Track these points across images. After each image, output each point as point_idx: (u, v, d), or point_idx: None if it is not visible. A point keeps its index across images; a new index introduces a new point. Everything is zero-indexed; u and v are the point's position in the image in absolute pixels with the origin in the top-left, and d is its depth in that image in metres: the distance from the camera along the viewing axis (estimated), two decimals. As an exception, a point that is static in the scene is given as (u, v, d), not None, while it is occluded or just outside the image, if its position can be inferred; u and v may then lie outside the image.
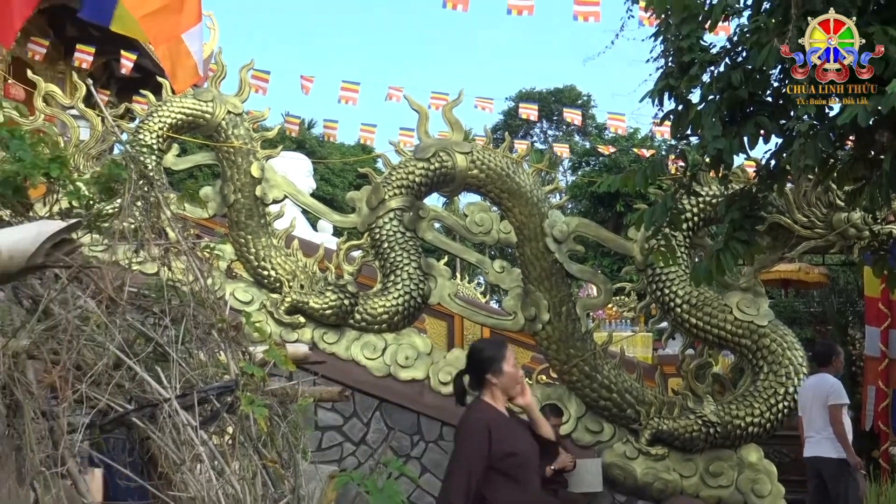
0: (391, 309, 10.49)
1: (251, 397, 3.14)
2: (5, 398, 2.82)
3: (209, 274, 3.69)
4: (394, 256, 10.45)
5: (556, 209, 10.49)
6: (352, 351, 10.50)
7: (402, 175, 10.54)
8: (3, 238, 2.74)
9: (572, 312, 10.13)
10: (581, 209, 36.48)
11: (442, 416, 10.39)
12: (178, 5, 4.97)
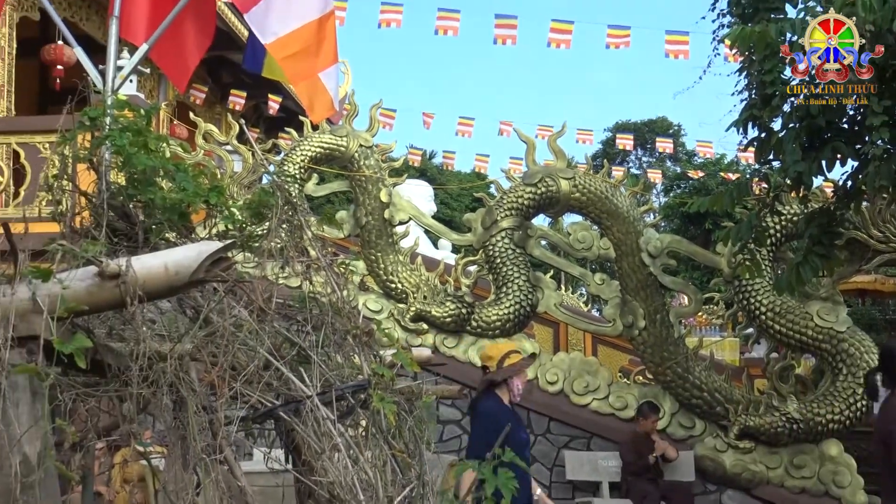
0: (503, 317, 10.49)
1: (382, 395, 3.15)
2: (172, 395, 2.88)
3: (345, 287, 3.71)
4: (505, 270, 10.45)
5: (650, 227, 10.39)
6: (469, 354, 10.52)
7: (512, 198, 10.54)
8: (170, 256, 2.81)
9: (666, 320, 10.03)
10: (673, 227, 35.88)
11: (549, 412, 10.36)
12: (315, 49, 5.04)
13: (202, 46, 5.34)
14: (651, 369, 10.39)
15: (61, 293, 2.70)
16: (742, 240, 6.88)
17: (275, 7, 4.92)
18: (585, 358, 11.17)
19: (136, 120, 3.60)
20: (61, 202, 3.53)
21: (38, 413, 2.65)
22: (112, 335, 3.07)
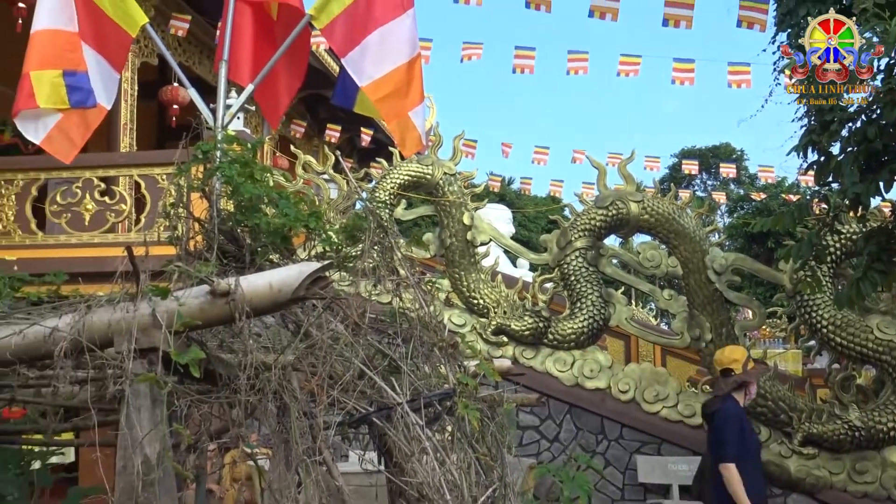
0: (578, 330, 10.43)
1: (466, 402, 3.15)
2: (276, 402, 2.91)
3: (431, 303, 3.72)
4: (579, 287, 10.39)
5: (715, 246, 10.24)
6: (546, 365, 10.47)
7: (585, 220, 10.48)
8: (274, 276, 2.85)
9: (731, 332, 9.87)
10: (737, 246, 35.22)
11: (622, 418, 10.26)
12: (405, 90, 5.07)
13: (293, 88, 5.43)
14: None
15: (178, 309, 2.76)
16: (803, 257, 6.75)
17: (369, 52, 4.98)
18: (655, 368, 11.04)
19: (244, 153, 3.67)
20: (177, 228, 3.61)
21: (157, 418, 2.70)
22: (222, 347, 3.12)
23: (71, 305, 2.97)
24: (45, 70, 4.98)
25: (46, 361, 2.92)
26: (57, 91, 4.99)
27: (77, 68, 4.99)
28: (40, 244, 10.24)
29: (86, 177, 10.25)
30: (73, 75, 5.00)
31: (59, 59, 5.00)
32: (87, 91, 5.02)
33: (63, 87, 4.99)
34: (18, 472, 6.52)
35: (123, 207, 10.23)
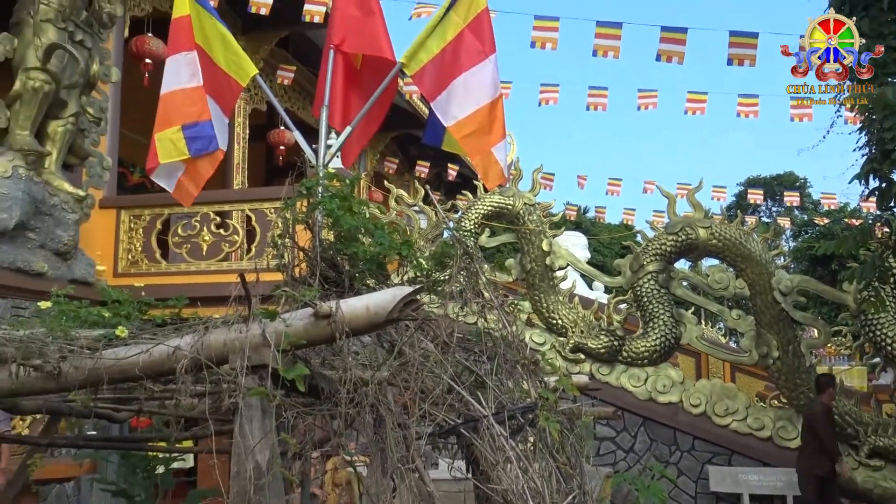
0: (651, 348, 10.29)
1: (547, 415, 3.12)
2: (373, 414, 2.93)
3: (514, 323, 3.71)
4: (652, 308, 10.27)
5: (781, 269, 10.00)
6: (621, 380, 10.35)
7: (656, 246, 10.36)
8: (370, 299, 2.87)
9: (798, 350, 9.62)
10: (802, 269, 34.23)
11: (693, 431, 10.07)
12: (488, 128, 5.09)
13: (370, 132, 5.51)
14: (785, 394, 9.98)
15: (285, 330, 2.80)
16: (867, 278, 6.55)
17: (455, 95, 5.02)
18: (725, 384, 10.80)
19: (343, 188, 3.72)
20: (284, 256, 3.67)
21: (267, 428, 2.74)
22: (325, 364, 3.15)
23: (191, 327, 3.04)
24: (166, 129, 5.16)
25: (170, 377, 2.99)
26: (176, 145, 5.16)
27: (199, 119, 5.15)
28: (164, 272, 10.54)
29: (203, 211, 10.53)
30: (194, 126, 5.16)
31: (179, 115, 5.17)
32: (210, 138, 5.18)
33: (182, 141, 5.15)
34: (145, 475, 6.69)
35: (236, 238, 10.47)
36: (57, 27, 9.50)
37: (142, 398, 3.55)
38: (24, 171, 9.11)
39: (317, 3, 12.12)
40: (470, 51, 5.04)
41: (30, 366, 3.02)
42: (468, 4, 5.05)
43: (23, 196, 9.00)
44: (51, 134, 9.76)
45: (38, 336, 3.14)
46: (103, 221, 10.72)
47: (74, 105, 9.94)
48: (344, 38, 5.20)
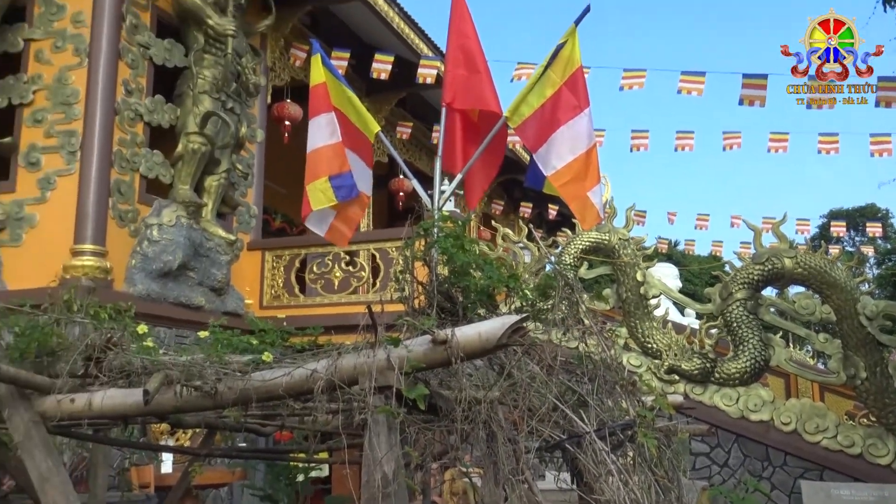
0: (741, 370, 9.93)
1: (645, 431, 3.05)
2: (485, 430, 2.92)
3: (612, 347, 3.65)
4: (741, 332, 9.93)
5: (866, 295, 9.49)
6: (714, 399, 10.00)
7: (744, 275, 10.02)
8: (482, 327, 2.88)
9: (885, 371, 9.09)
10: (886, 294, 32.38)
11: (785, 447, 9.62)
12: (584, 174, 5.06)
13: (490, 176, 5.54)
14: (874, 413, 9.42)
15: (407, 355, 2.83)
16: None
17: (554, 147, 5.02)
18: (815, 403, 10.28)
19: (455, 229, 3.76)
20: (405, 289, 3.73)
21: (392, 442, 2.77)
22: (442, 385, 3.17)
23: (326, 352, 3.11)
24: (315, 181, 5.35)
25: (308, 396, 3.06)
26: (325, 194, 5.34)
27: (341, 170, 5.32)
28: (302, 304, 10.81)
29: (335, 251, 10.77)
30: (339, 177, 5.33)
31: (325, 168, 5.35)
32: (351, 186, 5.35)
33: (330, 190, 5.33)
34: (287, 482, 6.83)
35: (363, 274, 10.66)
36: (212, 97, 9.98)
37: (284, 415, 3.64)
38: (185, 220, 9.55)
39: (429, 66, 12.35)
40: (567, 106, 5.03)
41: (191, 386, 3.14)
42: (564, 63, 5.05)
43: (185, 241, 9.43)
44: (207, 188, 10.23)
45: (198, 361, 3.27)
46: (251, 261, 11.09)
47: (226, 162, 10.40)
48: (454, 97, 5.28)
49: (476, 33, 5.41)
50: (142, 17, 9.66)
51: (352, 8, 12.23)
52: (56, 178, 8.98)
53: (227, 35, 9.91)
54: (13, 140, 9.24)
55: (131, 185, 9.32)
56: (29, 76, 9.34)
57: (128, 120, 9.30)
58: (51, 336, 3.68)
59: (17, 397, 3.55)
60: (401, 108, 15.41)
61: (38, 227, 8.97)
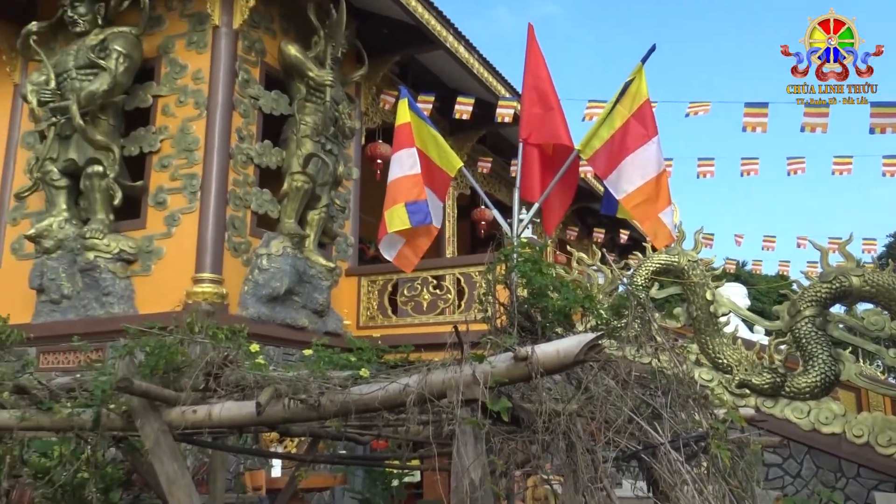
0: (811, 384, 9.46)
1: (718, 443, 2.94)
2: (565, 440, 2.87)
3: (684, 362, 3.55)
4: (810, 348, 9.47)
5: (936, 310, 8.94)
6: (785, 412, 9.55)
7: (812, 293, 9.58)
8: (560, 345, 2.85)
9: (958, 386, 8.50)
10: (957, 309, 30.34)
11: (857, 459, 9.08)
12: (655, 198, 4.97)
13: (565, 205, 5.50)
14: (948, 427, 8.81)
15: (491, 371, 2.83)
16: None
17: (624, 173, 4.96)
18: (887, 416, 9.69)
19: (533, 254, 3.74)
20: (488, 310, 3.72)
21: (479, 451, 2.75)
22: (523, 398, 3.14)
23: (416, 368, 3.12)
24: (393, 207, 5.43)
25: (401, 408, 3.07)
26: (401, 217, 5.41)
27: (418, 198, 5.39)
28: (394, 324, 10.90)
29: (423, 276, 10.85)
30: (414, 204, 5.40)
31: (403, 195, 5.43)
32: (426, 213, 5.41)
33: (405, 214, 5.39)
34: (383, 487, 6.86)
35: (449, 297, 10.69)
36: (313, 141, 10.26)
37: (380, 425, 3.67)
38: (290, 250, 9.80)
39: (506, 106, 12.38)
40: (635, 135, 4.97)
41: (297, 399, 3.21)
42: (632, 98, 4.99)
43: (290, 269, 9.67)
44: (309, 221, 10.48)
45: (303, 376, 3.33)
46: (348, 286, 11.27)
47: (326, 198, 10.64)
48: (530, 133, 5.29)
49: (549, 74, 5.41)
50: (252, 73, 10.03)
51: (436, 56, 12.41)
52: (180, 215, 9.37)
53: (326, 85, 10.19)
54: (144, 183, 9.70)
55: (244, 220, 9.64)
56: (157, 127, 9.80)
57: (240, 163, 9.64)
58: (176, 355, 3.81)
59: (148, 409, 3.70)
60: (481, 145, 15.49)
61: (164, 259, 9.36)
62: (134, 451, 4.64)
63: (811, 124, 9.79)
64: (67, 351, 9.24)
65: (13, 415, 4.10)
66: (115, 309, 9.18)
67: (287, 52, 10.19)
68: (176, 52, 9.93)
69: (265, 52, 10.26)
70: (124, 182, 9.58)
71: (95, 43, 9.71)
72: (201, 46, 9.75)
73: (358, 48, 11.53)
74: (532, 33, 5.45)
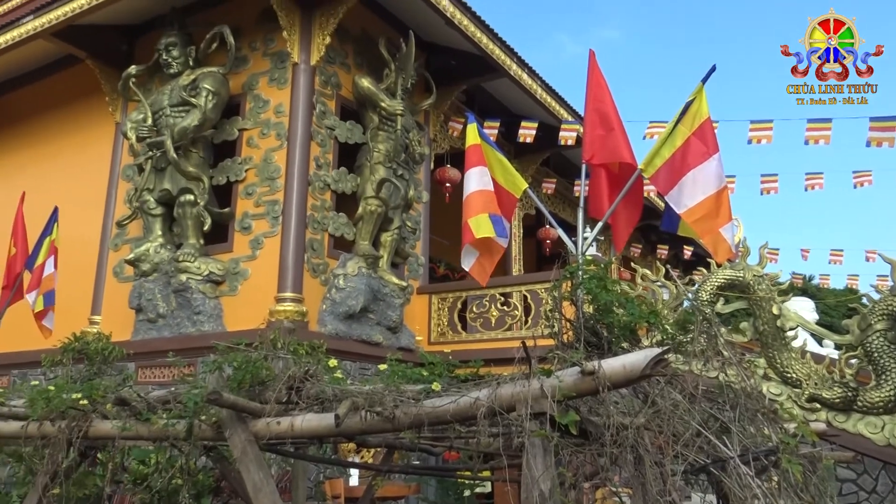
0: (885, 398, 8.95)
1: (789, 457, 2.81)
2: (633, 453, 2.80)
3: (751, 377, 3.42)
4: (882, 362, 8.97)
5: None
6: (858, 427, 9.06)
7: (882, 307, 9.10)
8: (626, 359, 2.79)
9: None
10: None
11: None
12: (716, 213, 4.85)
13: (632, 222, 5.40)
14: None
15: (558, 385, 2.79)
16: None
17: (685, 189, 4.87)
18: (966, 431, 9.09)
19: (598, 271, 3.69)
20: (554, 326, 3.68)
21: (548, 463, 2.71)
22: (591, 412, 3.08)
23: (486, 382, 3.11)
24: (476, 216, 5.46)
25: (472, 421, 3.06)
26: (486, 225, 5.45)
27: (495, 212, 5.44)
28: (464, 340, 10.89)
29: (491, 293, 10.82)
30: (494, 216, 5.44)
31: (484, 207, 5.48)
32: (503, 227, 5.45)
33: (489, 223, 5.44)
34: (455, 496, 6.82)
35: (517, 313, 10.62)
36: (385, 167, 10.41)
37: (452, 437, 3.66)
38: (365, 270, 9.93)
39: (569, 129, 12.30)
40: (696, 152, 4.87)
41: (373, 412, 3.23)
42: (693, 117, 4.90)
43: (365, 288, 9.79)
44: (383, 242, 10.61)
45: (379, 390, 3.36)
46: (420, 304, 11.33)
47: (398, 220, 10.76)
48: (593, 154, 5.24)
49: (611, 96, 5.36)
50: (328, 105, 10.27)
51: (500, 84, 12.45)
52: (263, 239, 9.63)
53: (397, 115, 10.34)
54: (231, 210, 10.02)
55: (322, 243, 9.83)
56: (242, 158, 10.13)
57: (318, 189, 9.86)
58: (261, 369, 3.90)
59: (235, 420, 3.79)
60: (545, 167, 15.42)
61: (249, 280, 9.62)
62: (223, 460, 4.75)
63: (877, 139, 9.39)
64: (163, 366, 9.58)
65: (115, 425, 4.26)
66: (205, 327, 9.47)
67: (360, 85, 10.40)
68: (259, 88, 10.26)
69: (340, 86, 10.50)
70: (213, 209, 9.92)
71: (187, 83, 10.13)
72: (282, 82, 10.05)
73: (426, 78, 11.68)
74: (593, 59, 5.42)
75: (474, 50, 11.15)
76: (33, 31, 10.86)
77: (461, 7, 10.57)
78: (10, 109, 13.40)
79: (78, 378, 5.40)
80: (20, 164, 12.95)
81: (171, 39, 10.39)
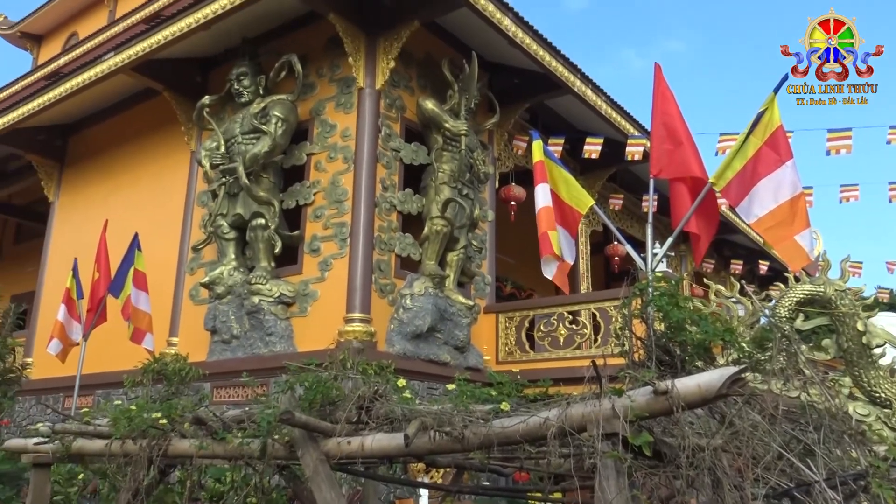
0: None
1: (880, 482, 2.67)
2: (710, 476, 2.71)
3: (836, 396, 3.27)
4: (981, 381, 8.45)
5: None
6: (956, 451, 8.52)
7: (979, 321, 8.60)
8: (700, 378, 2.71)
9: None
10: None
11: None
12: (790, 220, 4.70)
13: (709, 236, 5.26)
14: None
15: (630, 405, 2.73)
16: None
17: (756, 198, 4.74)
18: None
19: (669, 287, 3.61)
20: (625, 344, 3.61)
21: (621, 485, 2.65)
22: (665, 433, 3.00)
23: (556, 402, 3.07)
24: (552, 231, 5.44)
25: (542, 441, 3.02)
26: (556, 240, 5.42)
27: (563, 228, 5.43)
28: (532, 359, 10.78)
29: (559, 311, 10.71)
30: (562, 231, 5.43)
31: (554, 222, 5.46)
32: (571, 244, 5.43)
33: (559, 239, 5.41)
34: (526, 520, 6.70)
35: (586, 331, 10.47)
36: (450, 186, 10.48)
37: (522, 457, 3.62)
38: (432, 290, 9.98)
39: (635, 144, 12.12)
40: (768, 161, 4.74)
41: (442, 432, 3.23)
42: (764, 127, 4.77)
43: (432, 308, 9.83)
44: (449, 262, 10.65)
45: (448, 410, 3.36)
46: (487, 323, 11.30)
47: (464, 240, 10.80)
48: (661, 169, 5.15)
49: (678, 109, 5.27)
50: (393, 128, 10.43)
51: (564, 101, 12.40)
52: (332, 260, 9.81)
53: (461, 135, 10.41)
54: (300, 233, 10.26)
55: (389, 263, 9.94)
56: (310, 182, 10.38)
57: (385, 210, 10.00)
58: (331, 389, 3.96)
59: (307, 439, 3.85)
60: (612, 183, 15.22)
61: (319, 301, 9.80)
62: (295, 479, 4.82)
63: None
64: (237, 386, 9.83)
65: (193, 444, 4.39)
66: (276, 347, 9.69)
67: (424, 107, 10.53)
68: (326, 113, 10.51)
69: (405, 108, 10.65)
70: (283, 232, 10.17)
71: (257, 111, 10.47)
72: (348, 107, 10.27)
73: (490, 98, 11.73)
74: (659, 72, 5.34)
75: (537, 68, 11.15)
76: (114, 66, 11.44)
77: (523, 26, 10.61)
78: (93, 142, 14.13)
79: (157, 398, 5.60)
80: (103, 195, 13.61)
81: (241, 69, 10.77)
